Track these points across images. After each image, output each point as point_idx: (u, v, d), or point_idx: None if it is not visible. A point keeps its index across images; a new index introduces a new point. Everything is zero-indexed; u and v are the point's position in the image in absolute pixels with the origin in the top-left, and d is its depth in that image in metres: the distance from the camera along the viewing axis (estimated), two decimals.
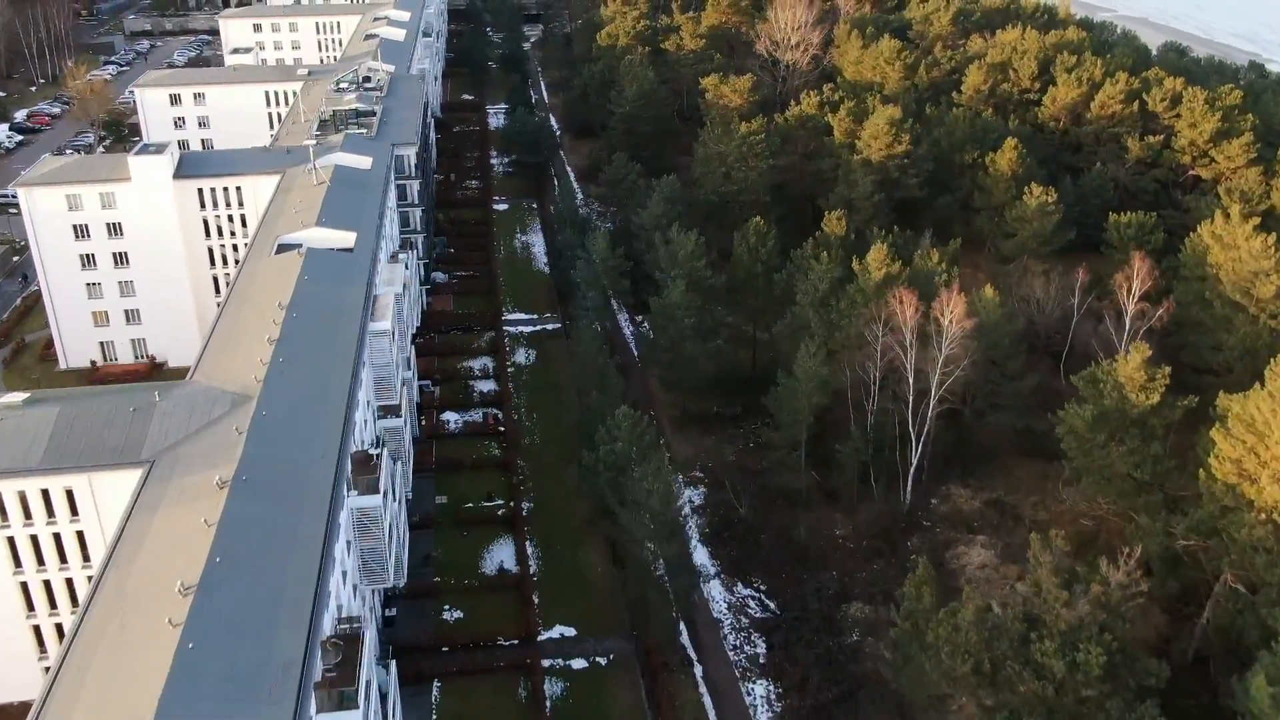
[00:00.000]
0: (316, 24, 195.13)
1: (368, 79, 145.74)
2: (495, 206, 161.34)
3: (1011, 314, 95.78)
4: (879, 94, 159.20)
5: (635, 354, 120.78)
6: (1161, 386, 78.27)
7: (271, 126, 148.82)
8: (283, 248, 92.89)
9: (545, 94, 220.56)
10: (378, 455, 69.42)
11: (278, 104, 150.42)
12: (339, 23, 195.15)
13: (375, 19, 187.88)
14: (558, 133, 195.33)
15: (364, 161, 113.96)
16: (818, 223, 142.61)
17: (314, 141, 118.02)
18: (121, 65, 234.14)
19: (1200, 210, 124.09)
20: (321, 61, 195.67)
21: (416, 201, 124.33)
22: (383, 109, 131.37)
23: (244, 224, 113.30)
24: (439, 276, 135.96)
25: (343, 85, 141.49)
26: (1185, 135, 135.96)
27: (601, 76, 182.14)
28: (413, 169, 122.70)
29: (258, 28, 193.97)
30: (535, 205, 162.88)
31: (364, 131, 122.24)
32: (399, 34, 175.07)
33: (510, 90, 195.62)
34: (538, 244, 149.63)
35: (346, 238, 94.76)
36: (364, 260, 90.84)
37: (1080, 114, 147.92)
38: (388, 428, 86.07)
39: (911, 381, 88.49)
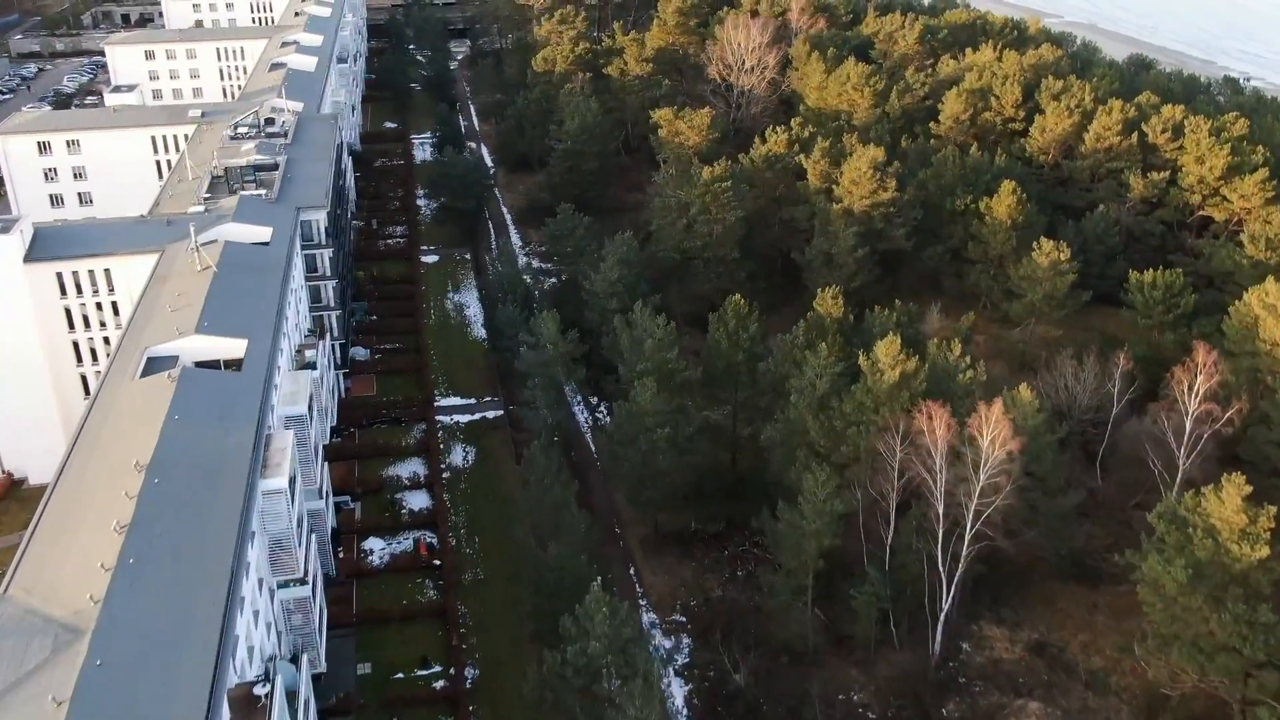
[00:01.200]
0: (218, 50, 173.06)
1: (271, 121, 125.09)
2: (423, 259, 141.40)
3: (1051, 422, 78.86)
4: (849, 125, 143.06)
5: (593, 449, 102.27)
6: (1267, 532, 61.87)
7: (161, 175, 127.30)
8: (152, 364, 72.83)
9: (476, 120, 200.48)
10: (267, 695, 50.15)
11: (167, 150, 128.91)
12: (242, 48, 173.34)
13: (283, 44, 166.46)
14: (491, 167, 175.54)
15: (262, 233, 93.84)
16: (790, 277, 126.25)
17: (201, 207, 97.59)
18: (2, 93, 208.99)
19: (1221, 259, 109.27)
20: (225, 92, 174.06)
21: (329, 274, 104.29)
22: (287, 161, 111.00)
23: (115, 311, 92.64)
24: (359, 353, 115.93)
25: (241, 130, 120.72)
26: (1192, 172, 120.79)
27: (538, 106, 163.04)
28: (323, 235, 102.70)
29: (150, 55, 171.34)
30: (469, 255, 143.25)
31: (263, 193, 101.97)
32: (309, 62, 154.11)
33: (437, 119, 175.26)
34: (472, 304, 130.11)
35: (234, 347, 74.89)
36: (255, 381, 71.02)
37: (1072, 146, 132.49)
38: (291, 599, 66.70)
39: (941, 511, 71.24)
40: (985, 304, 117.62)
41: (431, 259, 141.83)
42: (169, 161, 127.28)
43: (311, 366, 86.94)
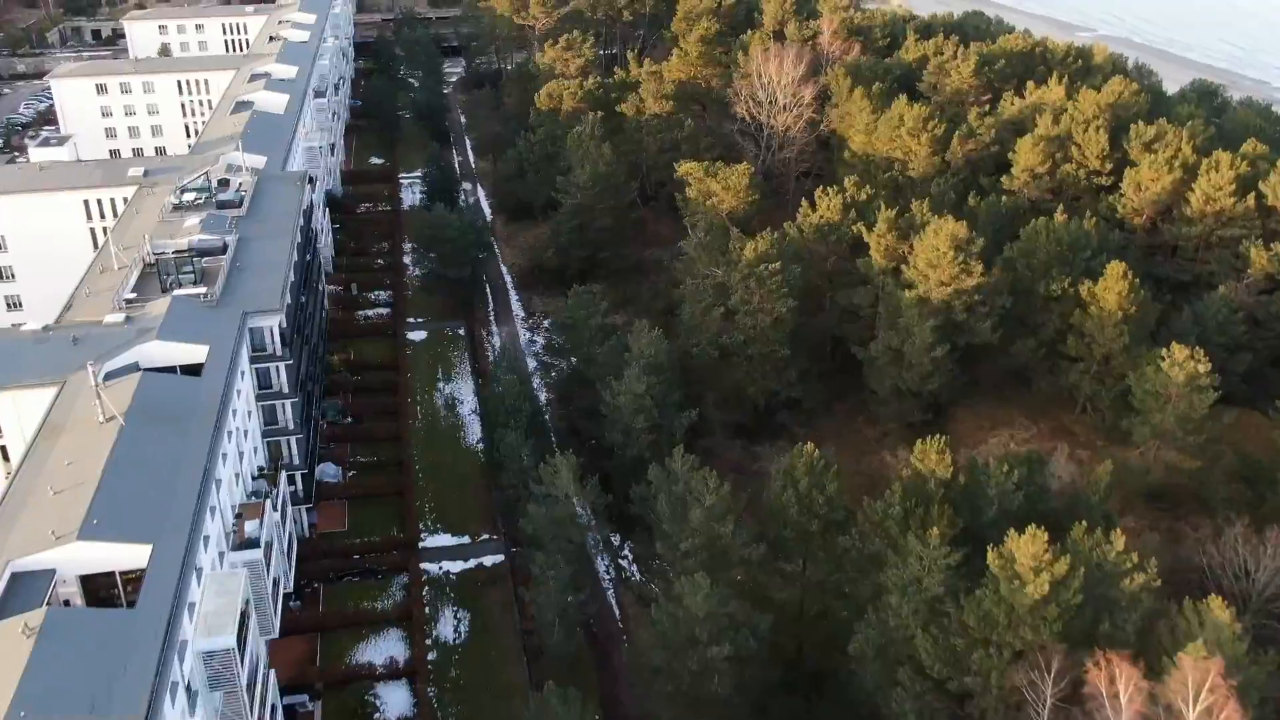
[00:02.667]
0: (179, 83, 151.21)
1: (225, 183, 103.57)
2: (409, 335, 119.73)
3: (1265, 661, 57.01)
4: (903, 176, 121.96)
5: (617, 613, 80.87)
6: None
7: (96, 244, 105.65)
8: (16, 584, 51.57)
9: (472, 155, 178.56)
10: None
11: (103, 216, 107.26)
12: (207, 81, 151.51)
13: (252, 77, 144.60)
14: (488, 214, 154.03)
15: (194, 353, 72.43)
16: (845, 365, 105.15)
17: (121, 316, 76.01)
18: None
19: None
20: (188, 130, 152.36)
21: (287, 390, 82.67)
22: (238, 241, 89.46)
23: (5, 457, 71.25)
24: (328, 472, 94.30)
25: (187, 197, 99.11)
26: None
27: (542, 149, 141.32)
28: (278, 344, 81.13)
29: (102, 89, 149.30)
30: (462, 330, 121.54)
31: (203, 292, 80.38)
32: (279, 102, 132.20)
33: (428, 159, 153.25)
34: (466, 397, 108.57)
35: (132, 555, 53.53)
36: (156, 613, 49.61)
37: (1170, 206, 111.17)
38: None
39: None
40: (1086, 408, 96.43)
41: (419, 335, 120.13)
42: (105, 230, 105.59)
43: (253, 545, 65.46)
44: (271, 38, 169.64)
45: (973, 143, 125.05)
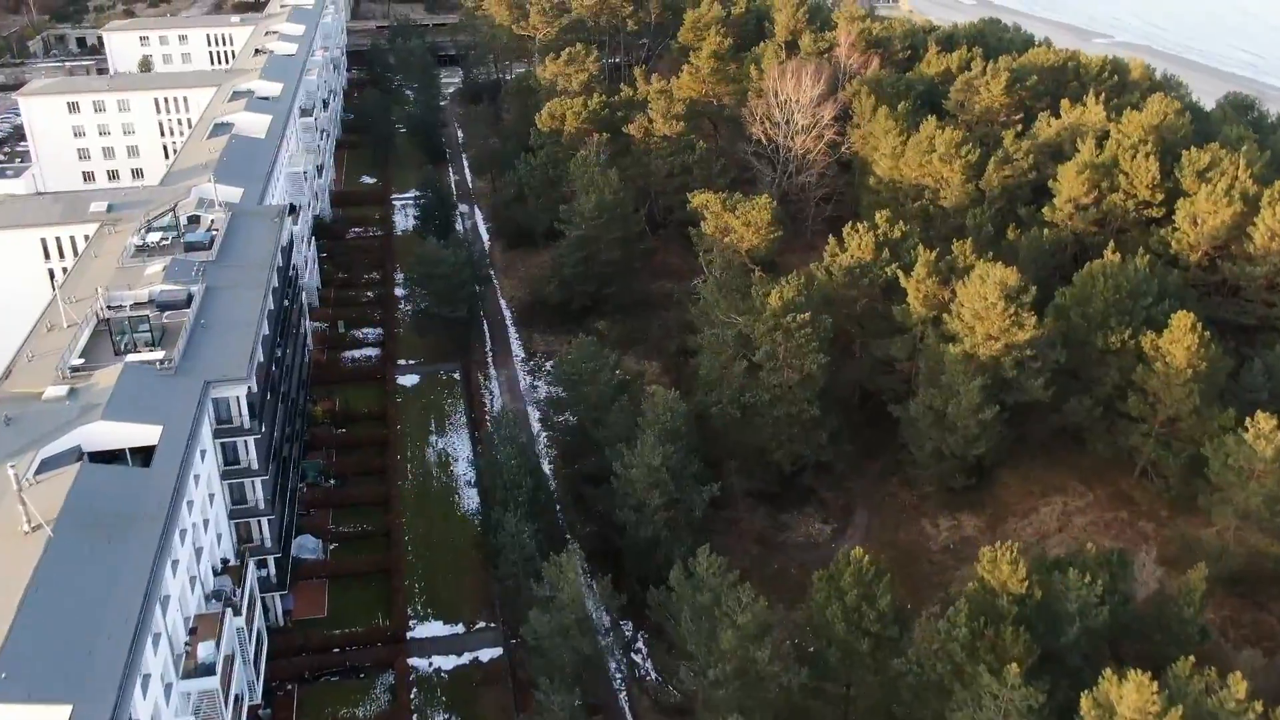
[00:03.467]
0: (156, 101, 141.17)
1: (195, 221, 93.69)
2: (400, 379, 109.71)
3: None
4: (935, 205, 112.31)
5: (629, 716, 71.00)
6: None
7: (54, 284, 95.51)
8: None
9: (469, 174, 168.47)
10: None
11: (61, 256, 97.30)
12: (186, 99, 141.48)
13: (233, 95, 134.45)
14: (486, 240, 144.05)
15: (145, 434, 62.59)
16: (874, 416, 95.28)
17: (64, 390, 66.00)
18: None
19: None
20: (166, 150, 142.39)
21: (256, 467, 72.66)
22: (205, 292, 79.52)
23: None
24: (307, 546, 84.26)
25: (151, 238, 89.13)
26: None
27: (543, 173, 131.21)
28: (246, 415, 71.13)
29: (74, 107, 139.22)
30: (457, 374, 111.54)
31: (159, 357, 70.41)
32: (260, 124, 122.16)
33: (422, 183, 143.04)
34: (462, 453, 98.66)
35: (49, 716, 43.59)
36: None
37: (1228, 242, 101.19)
38: None
39: None
40: (1148, 472, 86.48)
41: (411, 380, 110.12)
42: (64, 269, 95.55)
43: (208, 672, 55.49)
44: (257, 50, 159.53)
45: (1009, 169, 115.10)
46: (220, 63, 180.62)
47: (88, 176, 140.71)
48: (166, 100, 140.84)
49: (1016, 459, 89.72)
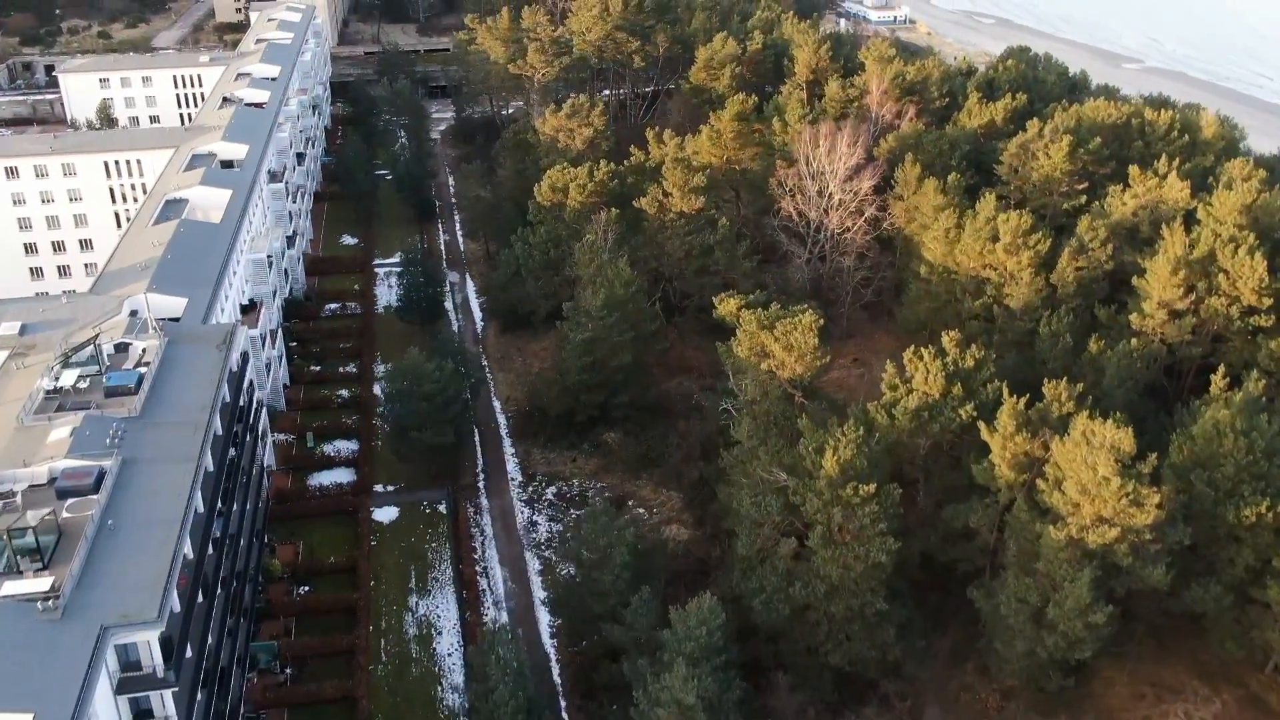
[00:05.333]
0: (106, 165, 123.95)
1: (123, 349, 76.73)
2: (376, 513, 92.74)
3: None
4: (998, 303, 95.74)
5: None
6: None
7: None
8: None
9: (460, 236, 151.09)
10: None
11: None
12: (139, 162, 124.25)
13: (192, 160, 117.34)
14: (478, 319, 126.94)
15: None
16: (943, 585, 78.56)
17: None
18: None
19: None
20: (119, 219, 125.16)
21: None
22: (119, 470, 62.50)
23: None
24: None
25: (65, 377, 72.18)
26: None
27: (543, 252, 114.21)
28: (159, 664, 54.05)
29: (12, 172, 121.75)
30: (443, 506, 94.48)
31: (41, 591, 53.33)
32: (219, 201, 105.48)
33: (408, 257, 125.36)
34: (447, 622, 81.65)
35: None
36: None
37: None
38: None
39: None
40: None
41: (388, 513, 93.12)
42: None
43: None
44: (225, 99, 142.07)
45: (1084, 259, 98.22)
46: (189, 105, 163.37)
47: (29, 249, 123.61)
48: (118, 164, 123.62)
49: (1121, 647, 72.87)
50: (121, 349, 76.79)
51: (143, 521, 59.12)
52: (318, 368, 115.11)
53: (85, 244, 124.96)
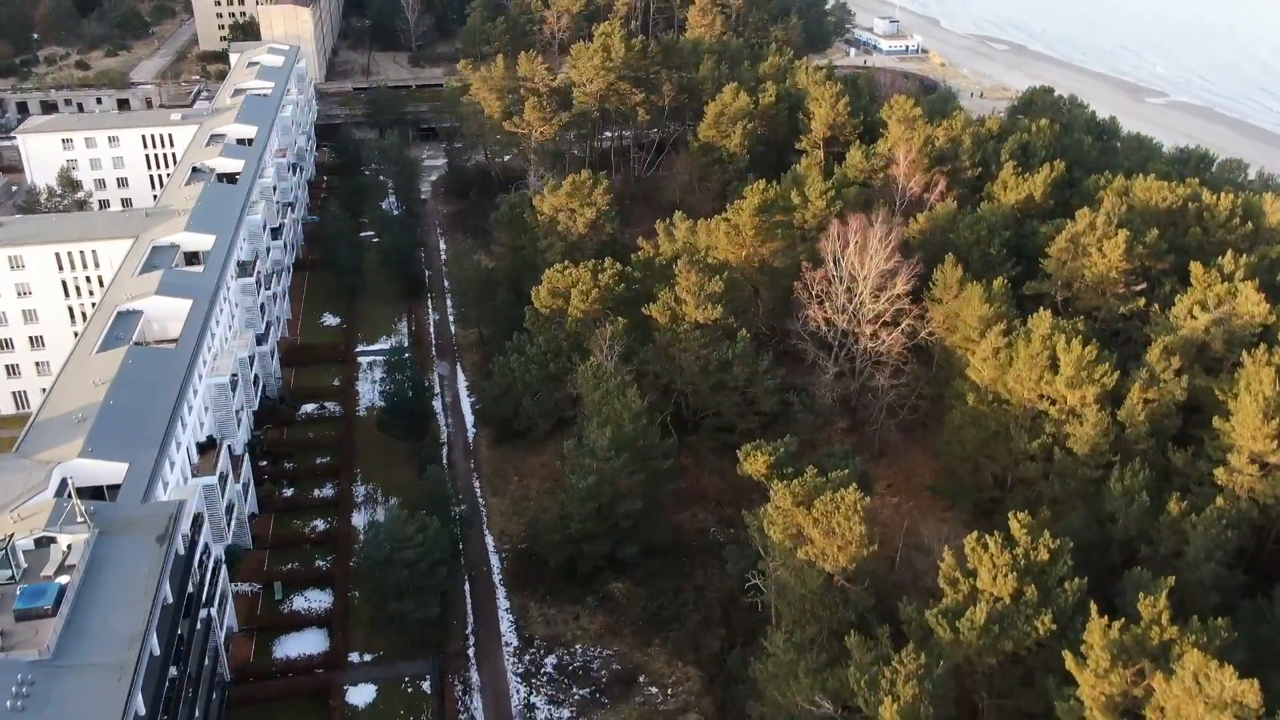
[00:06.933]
0: (58, 257, 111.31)
1: (46, 544, 64.28)
2: (350, 693, 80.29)
3: None
4: (1059, 443, 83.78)
5: None
6: None
7: None
8: None
9: (450, 313, 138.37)
10: None
11: None
12: (95, 253, 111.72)
13: (153, 251, 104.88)
14: (470, 425, 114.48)
15: None
16: None
17: None
18: None
19: None
20: (74, 314, 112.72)
21: None
22: None
23: None
24: None
25: None
26: None
27: (541, 368, 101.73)
28: None
29: None
30: (427, 685, 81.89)
31: None
32: (176, 312, 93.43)
33: (392, 360, 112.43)
34: None
35: None
36: None
37: None
38: None
39: None
40: None
41: (364, 694, 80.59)
42: None
43: None
44: (195, 169, 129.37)
45: (1155, 393, 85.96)
46: (159, 166, 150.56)
47: None
48: (71, 255, 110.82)
49: None
50: (43, 544, 64.35)
51: None
52: (290, 490, 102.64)
53: (36, 341, 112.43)
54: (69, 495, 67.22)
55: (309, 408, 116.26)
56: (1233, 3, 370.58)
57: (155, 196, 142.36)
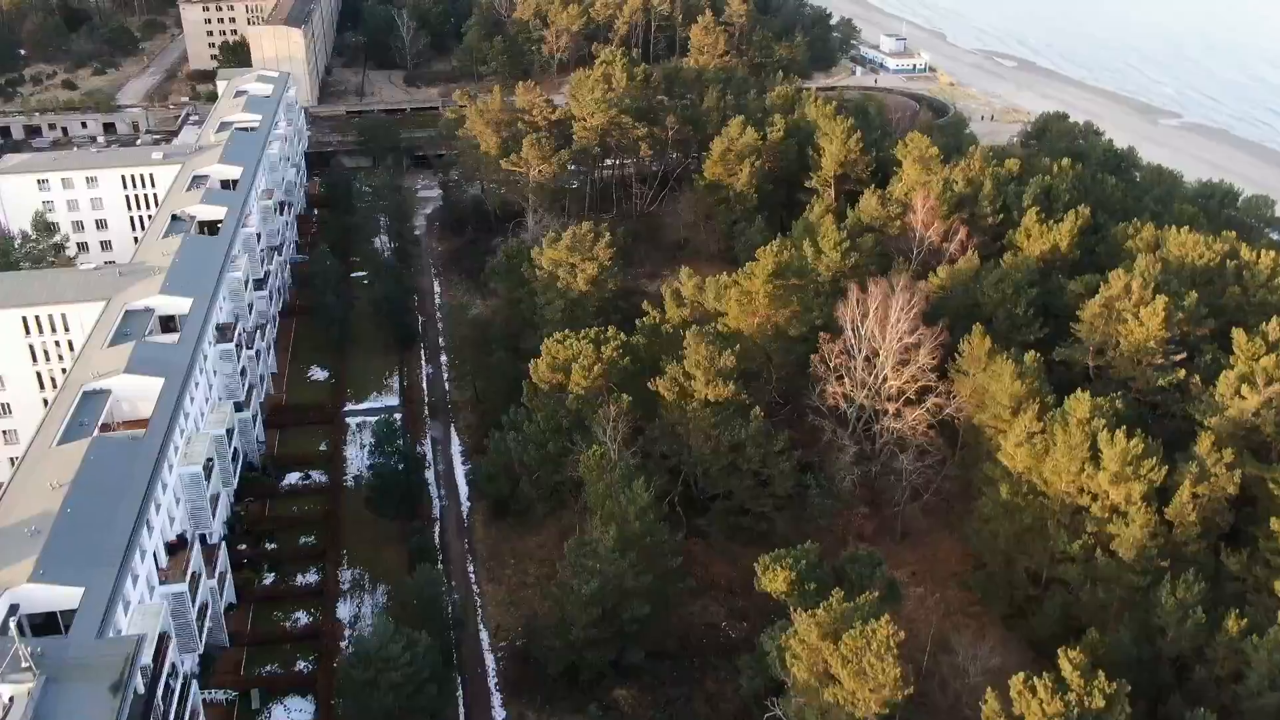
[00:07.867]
0: (25, 321, 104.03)
1: None
2: None
3: None
4: (1105, 553, 76.81)
5: None
6: None
7: None
8: None
9: (445, 369, 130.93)
10: None
11: None
12: (65, 317, 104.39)
13: (125, 318, 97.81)
14: (464, 499, 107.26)
15: None
16: None
17: None
18: None
19: None
20: (42, 380, 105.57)
21: None
22: None
23: None
24: None
25: None
26: None
27: (539, 448, 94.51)
28: None
29: None
30: None
31: None
32: (147, 393, 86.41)
33: (382, 434, 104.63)
34: None
35: None
36: None
37: None
38: None
39: None
40: None
41: None
42: None
43: None
44: (174, 217, 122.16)
45: (1206, 487, 78.96)
46: (140, 207, 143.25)
47: None
48: (39, 320, 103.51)
49: None
50: None
51: None
52: (271, 576, 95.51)
53: (2, 409, 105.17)
54: (15, 629, 60.19)
55: (293, 477, 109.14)
56: (1231, 16, 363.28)
57: (136, 239, 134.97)
